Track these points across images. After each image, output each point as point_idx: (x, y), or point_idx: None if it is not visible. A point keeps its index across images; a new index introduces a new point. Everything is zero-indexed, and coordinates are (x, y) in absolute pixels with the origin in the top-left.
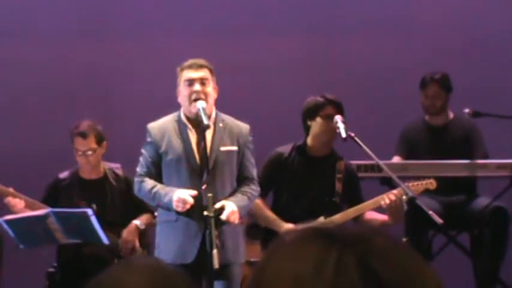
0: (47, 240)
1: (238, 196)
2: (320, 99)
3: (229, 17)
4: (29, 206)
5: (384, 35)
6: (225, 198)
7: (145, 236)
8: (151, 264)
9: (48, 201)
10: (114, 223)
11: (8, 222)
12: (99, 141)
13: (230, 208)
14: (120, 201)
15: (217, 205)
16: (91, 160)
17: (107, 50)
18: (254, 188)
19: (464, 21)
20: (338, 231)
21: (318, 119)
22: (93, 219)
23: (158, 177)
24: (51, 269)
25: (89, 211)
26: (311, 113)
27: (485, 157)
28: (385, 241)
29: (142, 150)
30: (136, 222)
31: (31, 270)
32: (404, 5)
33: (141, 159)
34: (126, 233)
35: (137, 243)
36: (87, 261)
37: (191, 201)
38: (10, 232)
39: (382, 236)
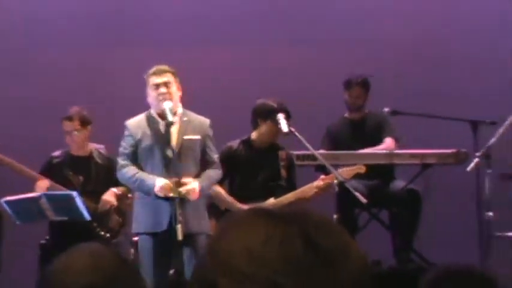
0: (40, 218)
1: (202, 177)
2: (273, 104)
3: (197, 29)
4: (30, 176)
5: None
6: (189, 179)
7: (123, 208)
8: (97, 248)
9: (43, 173)
10: (96, 192)
11: (7, 202)
12: (83, 123)
13: (191, 186)
14: (102, 175)
15: (184, 181)
16: (75, 139)
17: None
18: (216, 171)
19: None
20: (281, 209)
21: (269, 122)
22: (78, 200)
23: (136, 164)
24: (43, 241)
25: (74, 193)
26: (263, 114)
27: (396, 140)
28: (320, 216)
29: (122, 143)
30: (113, 189)
31: (25, 243)
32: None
33: (120, 150)
34: (104, 195)
35: (114, 203)
36: (72, 230)
37: (172, 187)
38: (9, 211)
39: (318, 213)
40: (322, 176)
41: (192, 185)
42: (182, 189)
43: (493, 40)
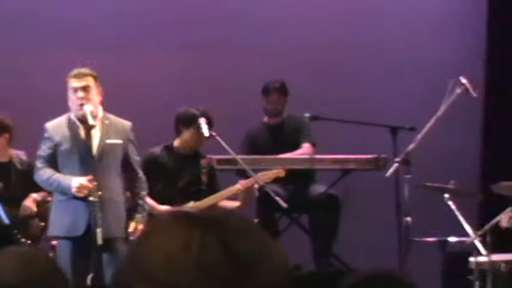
0: None
1: (139, 209)
2: (196, 112)
3: (117, 32)
4: None
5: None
6: (110, 182)
7: (44, 213)
8: (24, 251)
9: None
10: (16, 199)
11: None
12: (1, 130)
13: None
14: (22, 181)
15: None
16: None
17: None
18: (143, 186)
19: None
20: (201, 214)
21: (191, 129)
22: None
23: (55, 167)
24: None
25: None
26: (186, 122)
27: (313, 145)
28: (239, 221)
29: (41, 145)
30: (34, 194)
31: None
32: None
33: (39, 152)
34: (25, 201)
35: (34, 209)
36: None
37: (91, 186)
38: None
39: (236, 217)
40: (241, 181)
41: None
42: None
43: (413, 45)
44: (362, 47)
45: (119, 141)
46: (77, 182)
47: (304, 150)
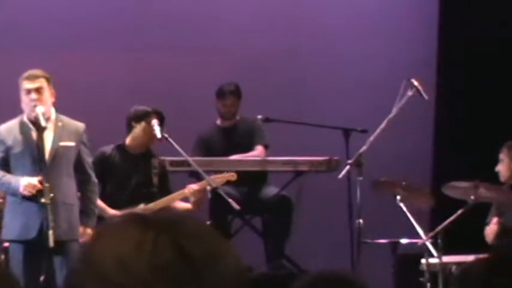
0: None
1: (90, 213)
2: (148, 108)
3: (71, 34)
4: None
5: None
6: (63, 185)
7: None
8: None
9: None
10: None
11: None
12: None
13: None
14: None
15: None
16: None
17: None
18: (95, 190)
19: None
20: (153, 216)
21: (143, 123)
22: None
23: (7, 170)
24: None
25: None
26: (137, 117)
27: (266, 147)
28: (193, 223)
29: None
30: None
31: None
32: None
33: None
34: None
35: None
36: None
37: (39, 185)
38: None
39: (190, 219)
40: (192, 185)
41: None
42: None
43: (365, 48)
44: (315, 50)
45: (72, 144)
46: (25, 181)
47: (257, 152)
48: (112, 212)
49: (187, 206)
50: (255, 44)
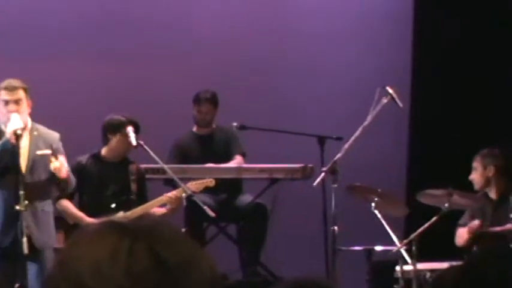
0: None
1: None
2: (122, 118)
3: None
4: None
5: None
6: (41, 194)
7: None
8: None
9: None
10: None
11: None
12: None
13: (60, 161)
14: None
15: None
16: None
17: None
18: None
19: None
20: (130, 223)
21: (118, 135)
22: None
23: None
24: None
25: None
26: (113, 129)
27: (243, 156)
28: (169, 230)
29: None
30: None
31: None
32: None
33: None
34: None
35: None
36: None
37: (21, 125)
38: None
39: (166, 226)
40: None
41: (60, 160)
42: (53, 165)
43: (341, 56)
44: (290, 58)
45: (48, 152)
46: (9, 128)
47: (236, 162)
48: (89, 220)
49: (162, 210)
50: (231, 52)
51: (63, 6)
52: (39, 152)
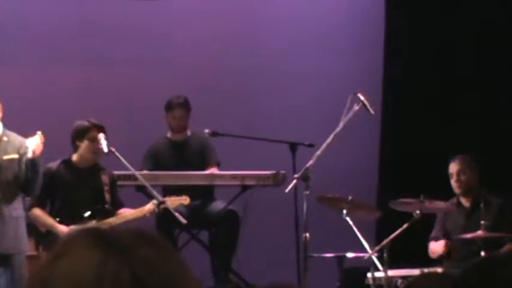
0: None
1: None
2: (86, 123)
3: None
4: None
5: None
6: (9, 199)
7: None
8: None
9: None
10: None
11: None
12: None
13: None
14: None
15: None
16: None
17: None
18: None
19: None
20: (116, 238)
21: (85, 141)
22: None
23: None
24: None
25: None
26: (79, 135)
27: (218, 165)
28: (154, 251)
29: None
30: None
31: None
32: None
33: None
34: None
35: None
36: None
37: None
38: None
39: (151, 246)
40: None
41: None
42: (28, 147)
43: (312, 63)
44: (262, 64)
45: (15, 156)
46: None
47: (211, 172)
48: (61, 227)
49: (130, 211)
50: (204, 58)
51: (42, 12)
52: (6, 157)
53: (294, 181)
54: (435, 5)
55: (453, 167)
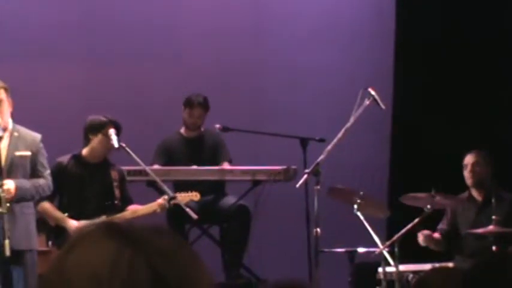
0: None
1: (24, 181)
2: (103, 118)
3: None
4: None
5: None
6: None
7: None
8: None
9: None
10: None
11: None
12: None
13: (6, 186)
14: None
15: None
16: None
17: None
18: (46, 181)
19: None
20: (130, 231)
21: (100, 136)
22: None
23: None
24: None
25: None
26: (94, 129)
27: (230, 162)
28: (169, 242)
29: None
30: None
31: None
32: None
33: None
34: None
35: None
36: None
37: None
38: None
39: (166, 237)
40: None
41: (7, 185)
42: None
43: (324, 57)
44: (272, 59)
45: (28, 153)
46: None
47: (224, 167)
48: (71, 221)
49: (140, 207)
50: (214, 54)
51: (45, 8)
52: (17, 153)
53: (305, 176)
54: None
55: (469, 158)
